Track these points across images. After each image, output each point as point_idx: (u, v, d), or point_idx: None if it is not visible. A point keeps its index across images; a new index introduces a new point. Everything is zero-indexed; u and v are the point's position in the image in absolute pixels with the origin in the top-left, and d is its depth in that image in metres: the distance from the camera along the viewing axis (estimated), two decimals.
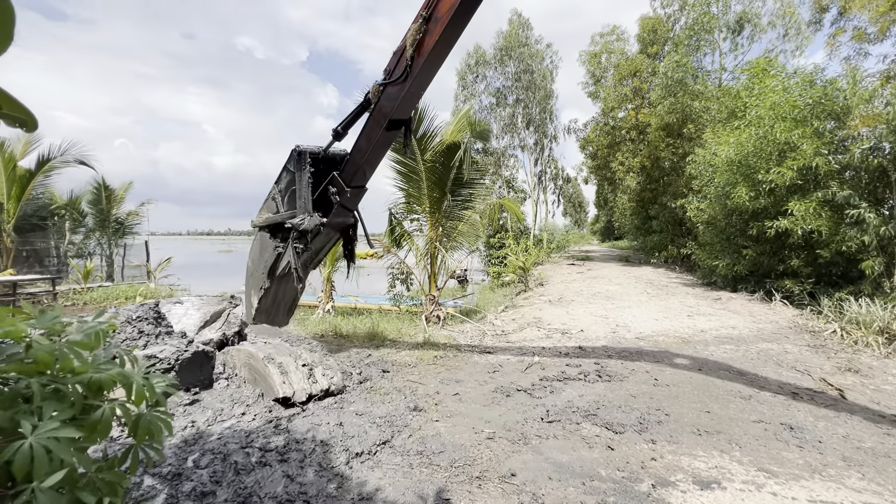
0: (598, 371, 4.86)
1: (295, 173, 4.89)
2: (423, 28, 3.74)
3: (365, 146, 4.63)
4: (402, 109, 4.24)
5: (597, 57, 24.14)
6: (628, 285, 12.23)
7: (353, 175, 4.82)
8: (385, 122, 4.28)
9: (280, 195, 5.13)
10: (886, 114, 7.32)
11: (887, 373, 4.97)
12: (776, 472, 2.80)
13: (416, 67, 3.88)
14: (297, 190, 4.85)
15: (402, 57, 3.95)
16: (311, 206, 4.78)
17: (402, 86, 4.03)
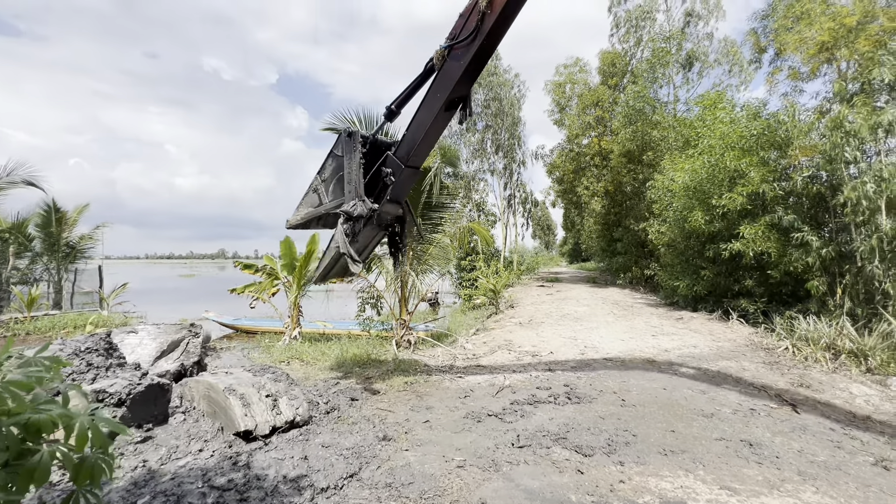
0: (568, 393, 4.90)
1: (343, 157, 4.61)
2: None
3: (425, 118, 4.37)
4: (469, 73, 4.08)
5: (561, 86, 25.26)
6: (596, 306, 12.50)
7: (408, 153, 4.55)
8: (451, 87, 4.09)
9: (324, 185, 4.84)
10: (822, 145, 7.96)
11: (835, 387, 5.25)
12: (738, 489, 2.88)
13: (488, 23, 3.77)
14: (347, 174, 4.59)
15: (470, 16, 3.87)
16: (362, 191, 4.52)
17: (469, 46, 3.90)
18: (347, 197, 4.55)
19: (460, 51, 3.96)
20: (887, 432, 4.07)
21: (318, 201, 4.89)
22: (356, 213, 4.43)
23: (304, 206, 5.04)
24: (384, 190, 4.60)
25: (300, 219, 5.02)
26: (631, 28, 21.77)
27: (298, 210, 5.06)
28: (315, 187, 4.93)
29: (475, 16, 3.77)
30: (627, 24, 21.96)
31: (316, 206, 4.92)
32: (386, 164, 4.58)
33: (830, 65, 8.61)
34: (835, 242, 7.71)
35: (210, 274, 78.35)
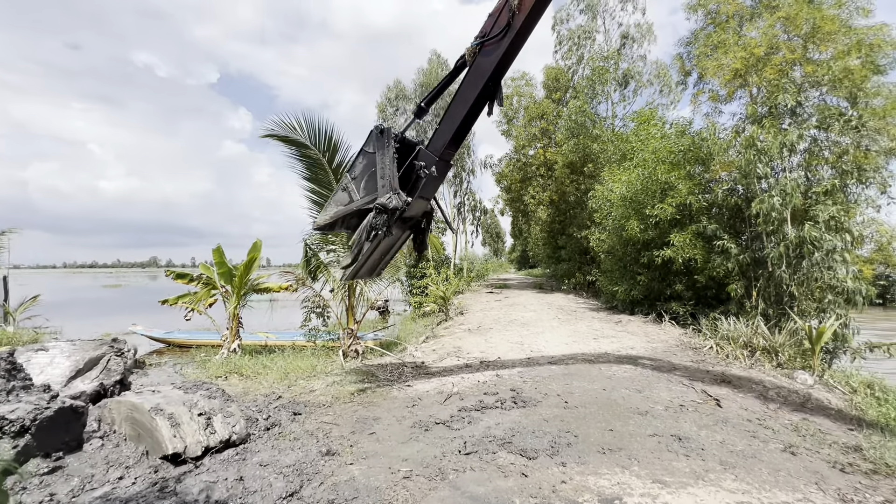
0: (514, 398, 5.00)
1: (375, 153, 4.70)
2: None
3: (459, 111, 4.57)
4: (501, 66, 4.36)
5: (508, 98, 26.05)
6: (542, 311, 12.91)
7: (442, 146, 4.72)
8: (483, 80, 4.37)
9: (354, 183, 4.88)
10: (738, 161, 8.79)
11: (751, 381, 5.75)
12: (668, 482, 3.06)
13: (518, 22, 4.09)
14: (380, 169, 4.65)
15: (500, 15, 4.21)
16: (397, 184, 4.57)
17: (500, 43, 4.21)
18: (381, 191, 4.61)
19: (491, 47, 4.30)
20: (794, 421, 4.52)
21: (349, 199, 4.93)
22: (392, 204, 4.48)
23: (334, 205, 5.06)
24: (416, 183, 4.74)
25: (329, 217, 5.03)
26: (573, 46, 22.97)
27: (327, 209, 5.09)
28: (344, 186, 4.99)
29: (505, 15, 4.15)
30: (570, 43, 23.15)
31: (346, 203, 4.94)
32: (419, 157, 4.73)
33: (744, 89, 9.55)
34: (750, 249, 8.51)
35: (139, 284, 72.36)
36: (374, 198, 4.63)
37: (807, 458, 3.58)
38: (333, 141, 6.79)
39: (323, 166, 6.99)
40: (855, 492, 3.06)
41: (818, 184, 7.92)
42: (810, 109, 8.43)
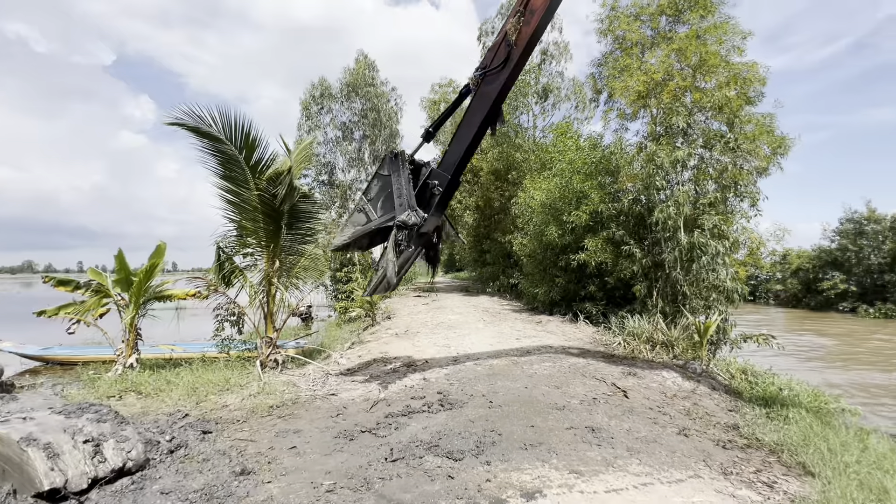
0: (441, 401, 5.04)
1: (391, 176, 5.11)
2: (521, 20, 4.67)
3: (466, 133, 5.12)
4: (502, 93, 4.98)
5: (436, 104, 26.39)
6: (468, 314, 13.20)
7: (453, 165, 5.20)
8: (488, 106, 4.94)
9: (370, 204, 5.27)
10: (641, 174, 9.73)
11: (652, 373, 6.37)
12: (583, 471, 3.28)
13: (516, 55, 4.72)
14: (397, 189, 5.05)
15: (499, 49, 4.86)
16: (414, 202, 4.99)
17: (500, 74, 4.85)
18: (399, 210, 5.01)
19: (492, 77, 4.94)
20: (687, 406, 5.09)
21: (366, 219, 5.33)
22: (412, 221, 4.91)
23: (351, 226, 5.46)
24: (431, 201, 5.19)
25: (347, 238, 5.42)
26: None
27: (344, 231, 5.51)
28: (360, 207, 5.40)
29: (504, 49, 4.83)
30: None
31: (364, 223, 5.34)
32: (432, 177, 5.22)
33: (646, 110, 10.60)
34: (651, 254, 9.45)
35: (8, 292, 61.82)
36: (393, 216, 5.04)
37: (697, 439, 4.05)
38: (252, 137, 6.36)
39: (239, 163, 6.51)
40: (733, 465, 3.51)
41: (704, 196, 9.04)
42: (698, 131, 9.61)
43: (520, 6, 4.84)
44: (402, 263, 5.31)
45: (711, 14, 9.94)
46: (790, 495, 3.02)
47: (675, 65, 10.13)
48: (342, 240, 5.49)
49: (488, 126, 5.22)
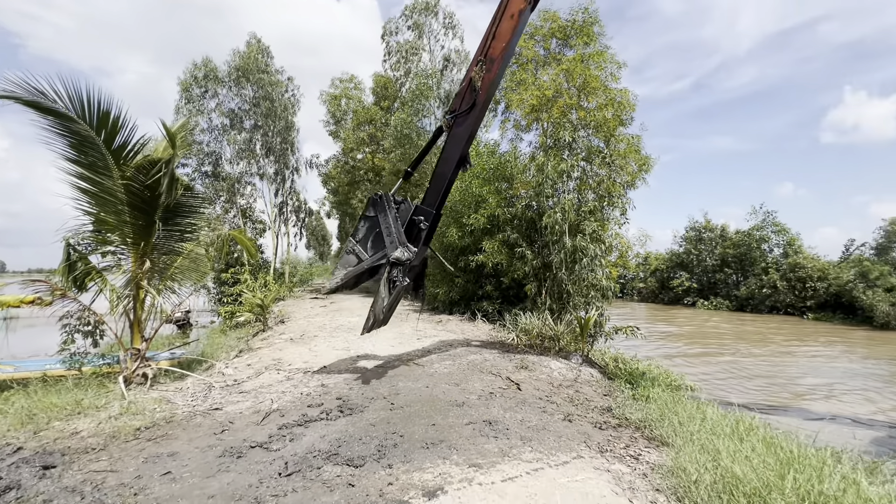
0: (341, 406, 4.86)
1: (376, 216, 5.48)
2: (483, 68, 5.39)
3: (445, 170, 5.63)
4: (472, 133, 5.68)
5: (337, 99, 25.52)
6: None
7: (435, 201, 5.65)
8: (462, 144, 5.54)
9: (359, 245, 5.58)
10: (533, 182, 10.51)
11: (542, 366, 6.91)
12: (481, 463, 3.41)
13: (481, 99, 5.43)
14: (385, 228, 5.38)
15: (465, 95, 5.54)
16: (404, 238, 5.33)
17: (469, 115, 5.50)
18: (391, 247, 5.32)
19: (462, 119, 5.58)
20: (570, 394, 5.61)
21: (358, 260, 5.61)
22: (405, 257, 5.22)
23: (342, 268, 5.73)
24: (418, 235, 5.55)
25: (340, 281, 5.68)
26: (401, 59, 23.93)
27: (336, 274, 5.77)
28: (350, 250, 5.70)
29: (470, 95, 5.52)
30: (398, 55, 24.05)
31: (355, 264, 5.62)
32: (417, 213, 5.58)
33: (538, 123, 11.48)
34: (541, 256, 10.25)
35: None
36: (384, 254, 5.34)
37: (579, 423, 4.48)
38: (114, 117, 5.43)
39: (97, 147, 5.52)
40: (608, 443, 3.96)
41: (585, 204, 10.09)
42: (581, 146, 10.69)
43: (480, 55, 5.50)
44: (395, 298, 5.57)
45: (593, 42, 11.14)
46: (651, 464, 3.50)
47: (563, 84, 11.14)
48: (335, 283, 5.71)
49: (462, 163, 5.77)
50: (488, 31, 5.65)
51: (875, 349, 15.51)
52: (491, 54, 5.45)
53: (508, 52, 5.53)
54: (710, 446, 3.50)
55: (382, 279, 5.34)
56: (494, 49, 5.45)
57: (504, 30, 5.54)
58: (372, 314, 5.91)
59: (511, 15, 5.55)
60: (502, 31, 5.54)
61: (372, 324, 5.98)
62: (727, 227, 31.46)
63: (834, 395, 9.44)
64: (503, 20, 5.56)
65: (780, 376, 11.11)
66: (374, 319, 5.91)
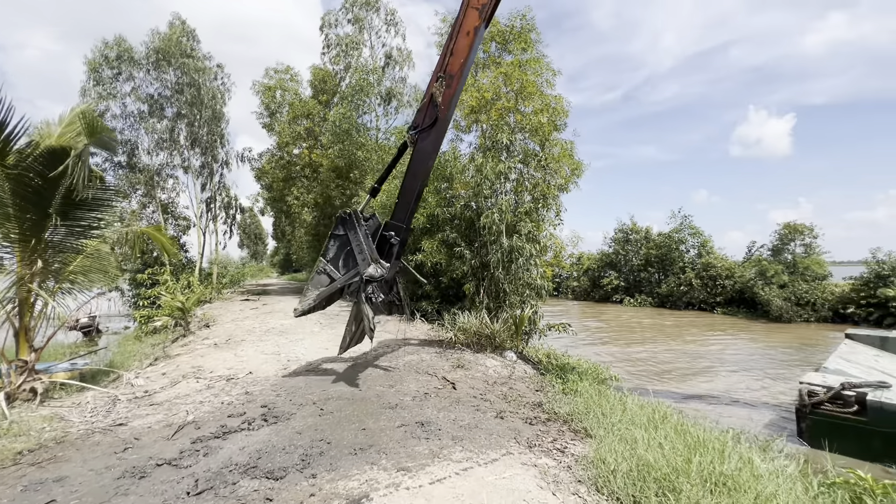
0: (265, 415, 4.57)
1: (346, 234, 5.49)
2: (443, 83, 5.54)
3: (412, 184, 5.76)
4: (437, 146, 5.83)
5: (271, 90, 24.25)
6: (303, 318, 12.37)
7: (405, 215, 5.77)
8: (428, 159, 5.75)
9: (330, 264, 5.54)
10: (471, 182, 10.63)
11: (478, 364, 6.99)
12: (410, 467, 3.34)
13: (443, 115, 5.62)
14: (357, 246, 5.41)
15: (427, 111, 5.69)
16: (376, 255, 5.39)
17: (432, 130, 5.61)
18: (363, 264, 5.37)
19: (425, 134, 5.68)
20: (504, 391, 5.71)
21: (330, 280, 5.58)
22: (378, 273, 5.31)
23: (314, 289, 5.66)
24: (390, 250, 5.68)
25: (313, 301, 5.64)
26: (341, 53, 23.23)
27: (307, 295, 5.69)
28: (321, 270, 5.65)
29: (432, 111, 5.66)
30: (338, 49, 23.32)
31: (328, 284, 5.59)
32: (388, 228, 5.72)
33: (477, 124, 11.64)
34: (479, 255, 10.39)
35: None
36: (357, 272, 5.39)
37: (510, 420, 4.56)
38: None
39: None
40: (537, 438, 4.06)
41: (522, 205, 10.37)
42: (519, 148, 10.98)
43: (439, 71, 5.69)
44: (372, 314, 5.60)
45: (531, 49, 11.49)
46: (576, 456, 3.63)
47: (502, 87, 11.38)
48: (308, 304, 5.67)
49: (428, 176, 6.08)
50: (446, 48, 5.89)
51: (770, 339, 17.47)
52: (450, 70, 5.68)
53: (466, 67, 5.76)
54: (628, 436, 3.69)
55: (361, 296, 5.43)
56: (453, 65, 5.68)
57: (461, 46, 5.77)
58: (349, 332, 6.13)
59: (467, 32, 5.79)
60: (459, 47, 5.77)
61: (349, 342, 6.23)
62: (651, 230, 33.98)
63: (736, 380, 10.48)
64: (459, 37, 5.79)
65: (693, 365, 12.16)
66: (350, 337, 6.15)
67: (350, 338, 6.20)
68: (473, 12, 5.81)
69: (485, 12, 5.84)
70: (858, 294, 21.46)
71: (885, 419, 4.75)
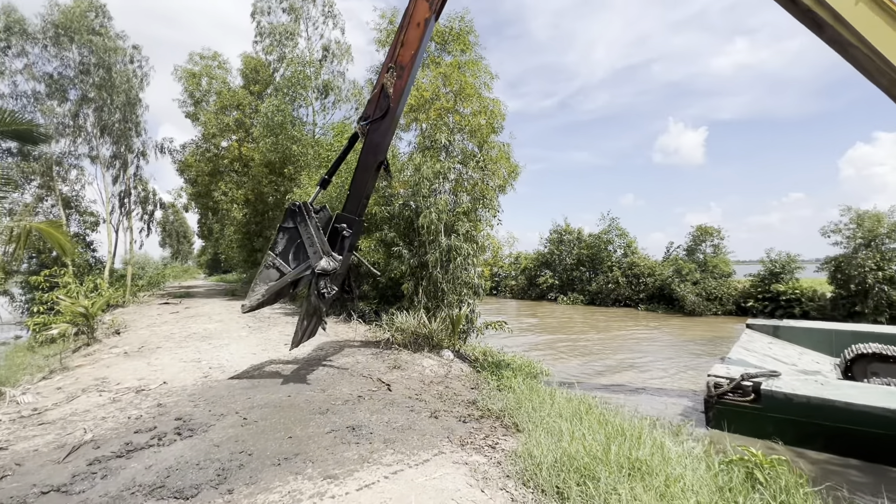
0: (179, 428, 4.19)
1: (296, 227, 5.44)
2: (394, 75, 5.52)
3: (364, 177, 5.79)
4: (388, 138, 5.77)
5: (196, 77, 22.51)
6: (231, 321, 11.64)
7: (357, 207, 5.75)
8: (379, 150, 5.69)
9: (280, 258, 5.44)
10: (410, 181, 10.55)
11: (415, 363, 6.94)
12: (338, 474, 3.21)
13: (395, 105, 5.59)
14: (308, 239, 5.35)
15: (378, 102, 5.67)
16: (328, 248, 5.36)
17: (383, 121, 5.60)
18: (314, 258, 5.25)
19: (377, 125, 5.67)
20: (440, 390, 5.70)
21: (279, 274, 5.41)
22: (331, 266, 5.21)
23: (262, 284, 5.45)
24: (343, 243, 5.54)
25: (261, 297, 5.41)
26: (275, 42, 22.07)
27: (255, 290, 5.46)
28: (270, 264, 5.45)
29: (384, 101, 5.64)
30: (272, 38, 22.13)
31: (277, 279, 5.40)
32: (339, 221, 5.59)
33: (417, 123, 11.58)
34: (418, 255, 10.34)
35: None
36: (308, 266, 5.28)
37: (445, 419, 4.55)
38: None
39: None
40: (469, 435, 4.09)
41: (460, 205, 10.46)
42: (458, 149, 11.07)
43: (390, 62, 5.71)
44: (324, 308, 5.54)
45: (469, 51, 11.63)
46: (506, 451, 3.69)
47: (441, 87, 11.42)
48: (257, 299, 5.43)
49: (380, 168, 5.94)
50: (396, 38, 5.89)
51: (685, 331, 19.13)
52: (400, 61, 5.70)
53: (417, 59, 5.80)
54: (555, 428, 3.83)
55: (312, 289, 5.29)
56: (403, 56, 5.71)
57: (411, 37, 5.83)
58: (300, 327, 5.88)
59: (417, 23, 5.82)
60: (410, 38, 5.82)
61: (301, 337, 5.96)
62: (583, 231, 35.89)
63: (656, 371, 11.34)
64: (410, 28, 5.84)
65: (618, 357, 12.98)
66: (302, 332, 5.90)
67: (302, 333, 5.98)
68: (423, 3, 5.87)
69: (435, 4, 5.92)
70: (756, 289, 24.12)
71: (776, 405, 5.35)
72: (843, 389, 5.22)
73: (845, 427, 4.91)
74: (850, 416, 4.84)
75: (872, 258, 19.18)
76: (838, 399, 4.95)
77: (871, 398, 4.86)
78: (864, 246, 19.85)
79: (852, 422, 4.85)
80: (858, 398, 4.88)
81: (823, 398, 5.04)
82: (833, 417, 4.96)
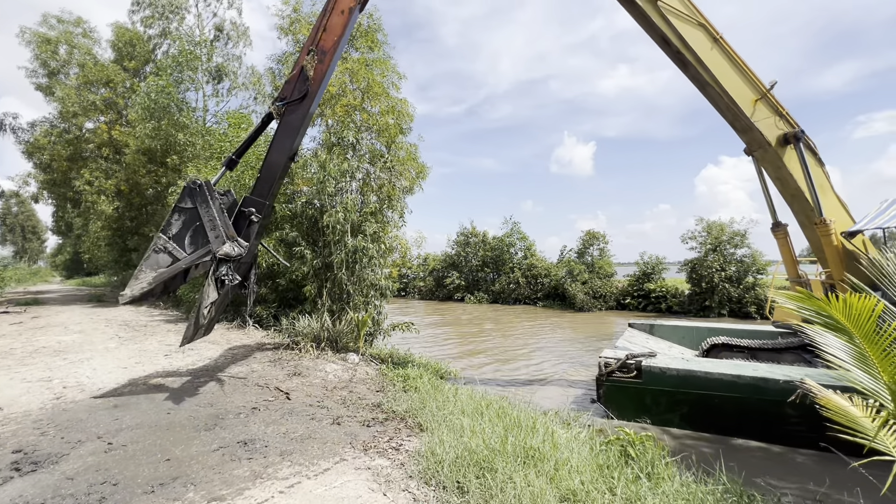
0: (19, 462, 3.48)
1: (196, 208, 4.87)
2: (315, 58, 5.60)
3: (278, 159, 5.57)
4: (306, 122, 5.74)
5: (52, 44, 19.01)
6: (94, 332, 9.99)
7: (268, 191, 5.50)
8: (295, 133, 5.58)
9: (173, 242, 4.85)
10: (315, 179, 10.09)
11: (317, 369, 6.63)
12: (225, 494, 2.93)
13: (314, 89, 5.60)
14: (209, 221, 4.84)
15: (297, 83, 5.64)
16: (233, 232, 4.89)
17: (302, 103, 5.57)
18: (216, 242, 4.80)
19: (294, 107, 5.51)
20: (343, 395, 5.52)
21: (172, 259, 4.82)
22: (235, 252, 4.78)
23: (149, 271, 4.81)
24: (249, 229, 5.21)
25: (147, 285, 4.75)
26: (157, 14, 19.55)
27: (140, 278, 4.78)
28: (161, 247, 4.84)
29: (302, 83, 5.52)
30: (153, 9, 19.56)
31: (169, 265, 4.80)
32: (246, 204, 5.31)
33: (322, 119, 11.10)
34: (322, 256, 9.91)
35: None
36: (208, 251, 4.75)
37: (348, 425, 4.41)
38: None
39: None
40: (373, 439, 4.02)
41: (368, 205, 10.27)
42: (365, 147, 10.85)
43: (311, 45, 5.58)
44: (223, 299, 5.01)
45: (377, 49, 11.47)
46: (410, 452, 3.69)
47: (348, 84, 11.10)
48: (141, 287, 4.71)
49: (292, 159, 5.71)
50: (319, 22, 5.83)
51: (576, 327, 21.03)
52: (322, 46, 5.64)
53: (340, 45, 5.75)
54: (457, 425, 3.93)
55: (210, 278, 4.69)
56: (325, 41, 5.67)
57: (334, 24, 5.79)
58: (193, 322, 5.01)
59: (342, 11, 5.82)
60: (333, 24, 5.79)
61: (194, 332, 5.19)
62: (487, 234, 37.55)
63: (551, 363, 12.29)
64: (333, 14, 5.82)
65: (517, 353, 13.81)
66: (196, 327, 5.05)
67: (195, 329, 5.12)
68: None
69: None
70: (633, 287, 27.46)
71: (653, 379, 6.33)
72: (701, 364, 6.49)
73: (703, 393, 6.06)
74: (707, 383, 6.02)
75: (717, 261, 23.02)
76: (698, 370, 6.13)
77: (721, 368, 6.12)
78: (712, 250, 23.74)
79: (708, 388, 6.02)
80: (712, 369, 6.11)
81: (689, 370, 6.19)
82: (695, 385, 6.10)
